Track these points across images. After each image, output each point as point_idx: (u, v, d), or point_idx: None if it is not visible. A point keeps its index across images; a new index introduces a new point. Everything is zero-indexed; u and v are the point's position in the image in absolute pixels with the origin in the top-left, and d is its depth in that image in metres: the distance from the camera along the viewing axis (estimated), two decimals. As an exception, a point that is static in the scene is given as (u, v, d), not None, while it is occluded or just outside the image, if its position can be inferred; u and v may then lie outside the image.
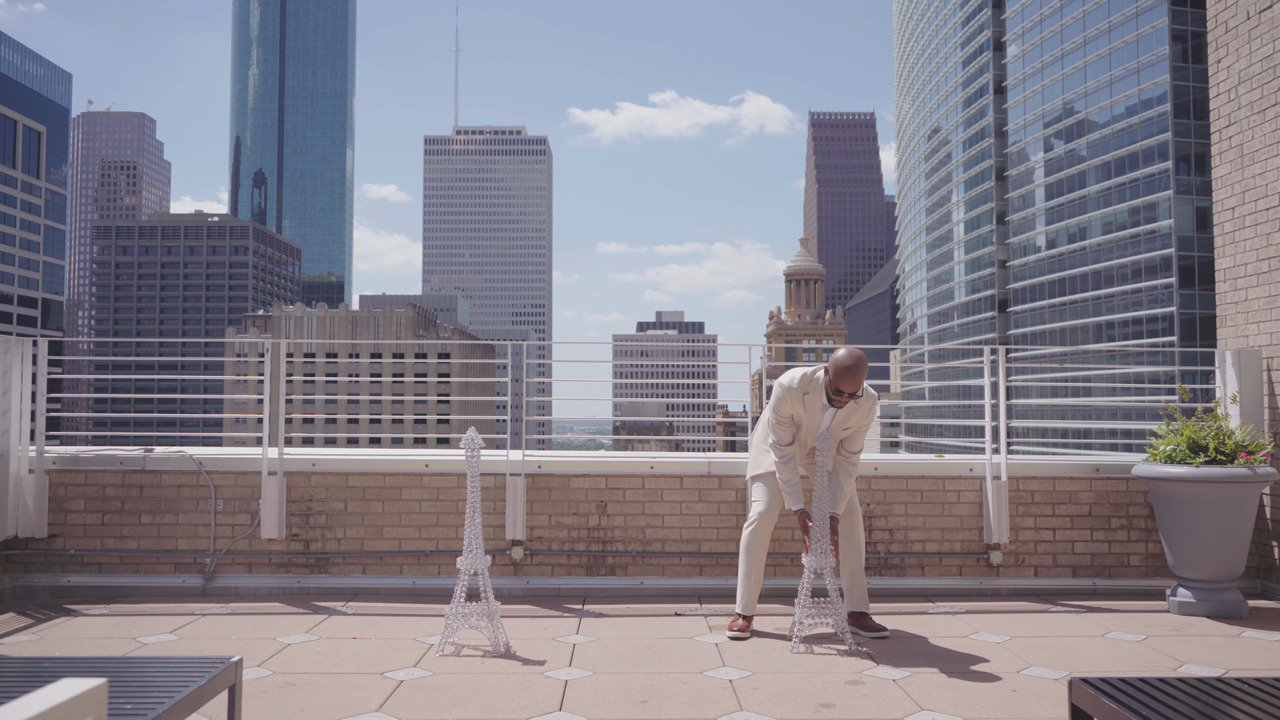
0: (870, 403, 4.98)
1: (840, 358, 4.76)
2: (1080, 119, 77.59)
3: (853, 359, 4.74)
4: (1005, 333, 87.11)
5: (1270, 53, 5.88)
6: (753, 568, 5.02)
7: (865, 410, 4.95)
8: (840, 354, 4.78)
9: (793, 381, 4.94)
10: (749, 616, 4.99)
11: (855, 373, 4.73)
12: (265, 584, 5.82)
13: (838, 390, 4.77)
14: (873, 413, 5.01)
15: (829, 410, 4.93)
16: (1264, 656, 4.58)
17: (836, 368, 4.76)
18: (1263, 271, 5.94)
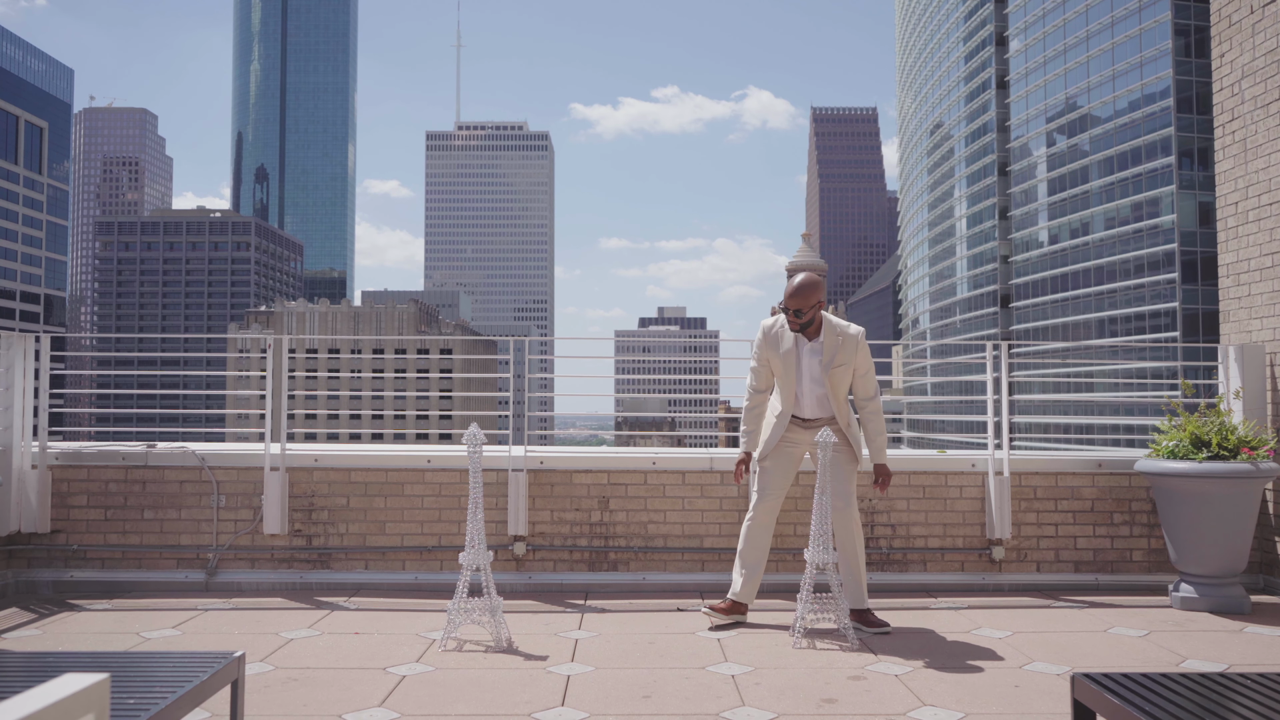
0: (855, 339, 4.99)
1: (791, 280, 4.94)
2: (1083, 114, 77.47)
3: (802, 278, 4.93)
4: (1007, 328, 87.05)
5: (1274, 46, 5.86)
6: (747, 554, 5.06)
7: (853, 347, 4.96)
8: (794, 276, 4.98)
9: (763, 323, 5.10)
10: (738, 604, 5.02)
11: (804, 290, 4.87)
12: (268, 579, 5.83)
13: (785, 309, 4.92)
14: (862, 348, 5.01)
15: (810, 350, 4.98)
16: (1267, 652, 4.58)
17: (787, 289, 4.93)
18: (1266, 266, 5.93)
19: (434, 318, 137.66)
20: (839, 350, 4.94)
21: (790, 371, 4.98)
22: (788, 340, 5.00)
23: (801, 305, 4.89)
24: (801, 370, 4.99)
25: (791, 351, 4.99)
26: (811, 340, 5.00)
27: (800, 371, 4.99)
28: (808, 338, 4.99)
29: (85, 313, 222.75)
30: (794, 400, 5.01)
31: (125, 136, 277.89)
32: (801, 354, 5.00)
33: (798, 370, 4.98)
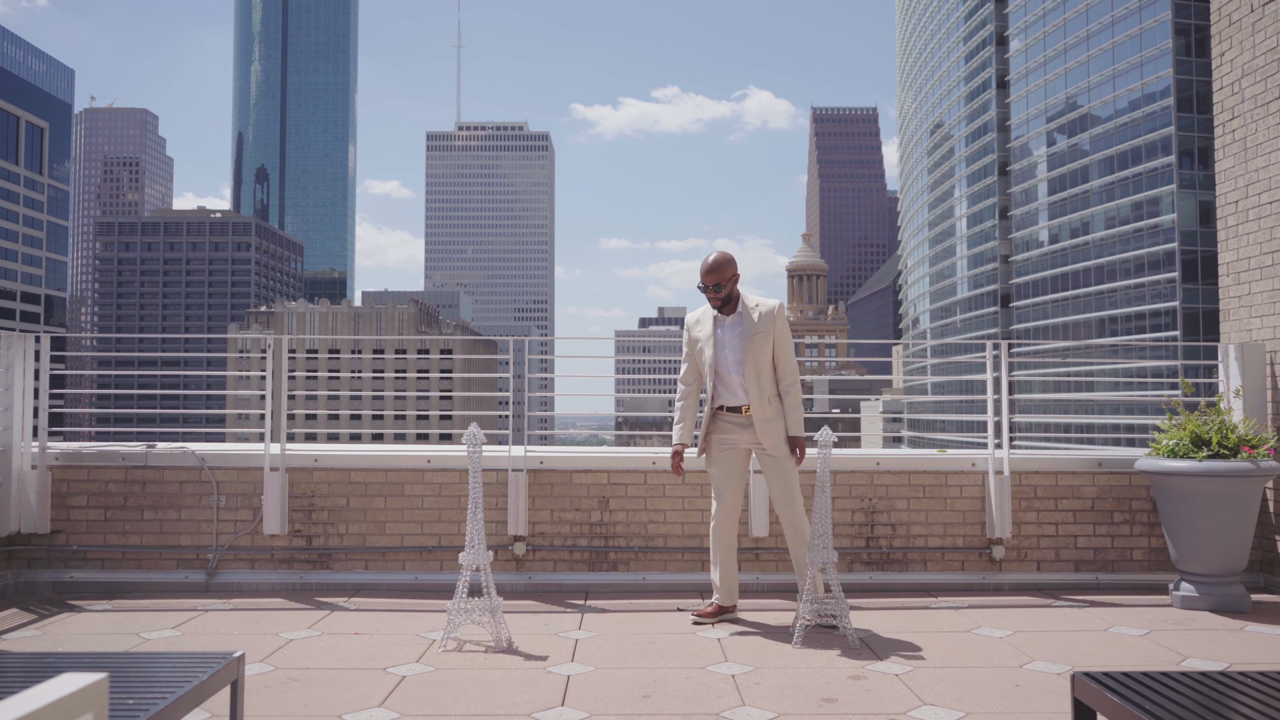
0: (774, 309, 5.02)
1: (705, 258, 5.03)
2: (1083, 113, 77.44)
3: (715, 254, 5.02)
4: (1008, 328, 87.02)
5: (1274, 45, 5.85)
6: (720, 561, 5.08)
7: (771, 317, 4.99)
8: (708, 254, 5.06)
9: (687, 315, 5.24)
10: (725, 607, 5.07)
11: (719, 265, 4.96)
12: (268, 580, 5.83)
13: (704, 286, 4.98)
14: (781, 319, 5.03)
15: (729, 324, 5.02)
16: (1267, 651, 4.58)
17: (702, 266, 5.01)
18: (1266, 265, 5.93)
19: (434, 318, 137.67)
20: (759, 319, 4.98)
21: (710, 354, 5.02)
22: (707, 324, 5.08)
23: (719, 279, 4.95)
24: (724, 348, 5.00)
25: (709, 335, 5.05)
26: (730, 316, 5.05)
27: (722, 351, 5.01)
28: (725, 314, 5.05)
29: (85, 313, 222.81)
30: (719, 386, 5.01)
31: (126, 137, 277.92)
32: (722, 333, 5.04)
33: (719, 350, 5.01)
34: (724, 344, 5.02)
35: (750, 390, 4.93)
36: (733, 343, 4.99)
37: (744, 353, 4.95)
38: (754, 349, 4.94)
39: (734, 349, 4.98)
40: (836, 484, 5.92)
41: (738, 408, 4.99)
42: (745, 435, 5.00)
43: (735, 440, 5.02)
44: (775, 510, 5.12)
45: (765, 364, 4.96)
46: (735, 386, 4.98)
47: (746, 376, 4.94)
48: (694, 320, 5.18)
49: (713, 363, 5.02)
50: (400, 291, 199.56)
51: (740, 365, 4.96)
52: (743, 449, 5.05)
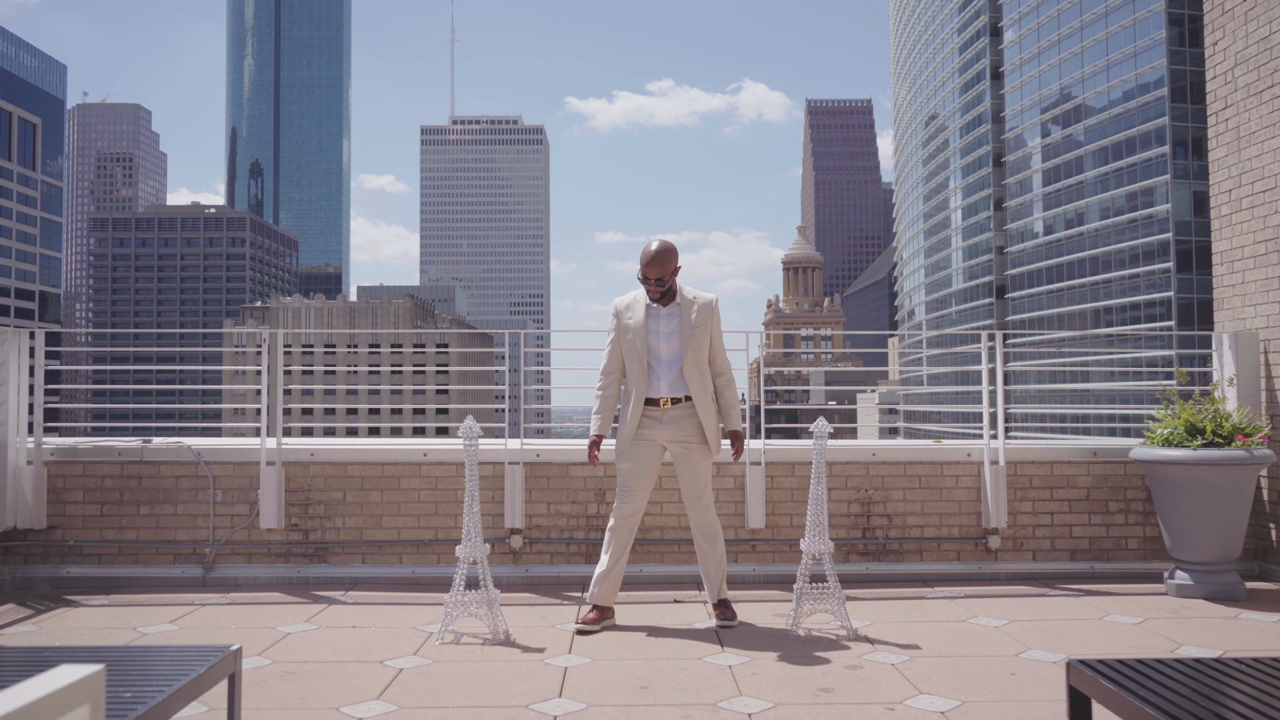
0: (710, 303, 4.86)
1: (646, 247, 4.80)
2: (1077, 104, 77.45)
3: (656, 244, 4.77)
4: (1003, 319, 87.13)
5: (1267, 34, 5.86)
6: (615, 560, 4.84)
7: (709, 311, 4.82)
8: (648, 243, 4.82)
9: (616, 301, 4.97)
10: (607, 609, 4.84)
11: (663, 256, 4.73)
12: (264, 574, 5.83)
13: (646, 278, 4.75)
14: (717, 315, 4.89)
15: (665, 315, 4.81)
16: (1261, 637, 4.60)
17: (643, 256, 4.77)
18: (1259, 254, 5.94)
19: (430, 312, 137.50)
20: (696, 313, 4.80)
21: (642, 344, 4.78)
22: (638, 313, 4.83)
23: (663, 273, 4.73)
24: (658, 340, 4.79)
25: (642, 323, 4.80)
26: (666, 307, 4.84)
27: (656, 342, 4.80)
28: (662, 305, 4.84)
29: (80, 309, 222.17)
30: (646, 377, 4.78)
31: (119, 132, 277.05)
32: (656, 323, 4.82)
33: (650, 341, 4.80)
34: (659, 335, 4.81)
35: (692, 385, 4.75)
36: (669, 335, 4.80)
37: (684, 346, 4.77)
38: (695, 343, 4.77)
39: (670, 341, 4.79)
40: (832, 475, 5.93)
41: (658, 401, 4.80)
42: (663, 431, 4.80)
43: (653, 435, 4.81)
44: (689, 510, 4.87)
45: (704, 358, 4.81)
46: (663, 379, 4.79)
47: (687, 371, 4.75)
48: (624, 306, 4.90)
49: (644, 354, 4.79)
50: (395, 286, 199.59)
51: (677, 358, 4.78)
52: (656, 444, 4.83)
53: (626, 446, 4.84)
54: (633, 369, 4.81)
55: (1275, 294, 5.81)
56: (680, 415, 4.79)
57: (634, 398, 4.80)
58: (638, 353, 4.79)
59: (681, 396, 4.80)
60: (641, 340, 4.79)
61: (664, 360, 4.80)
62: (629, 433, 4.82)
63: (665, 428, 4.80)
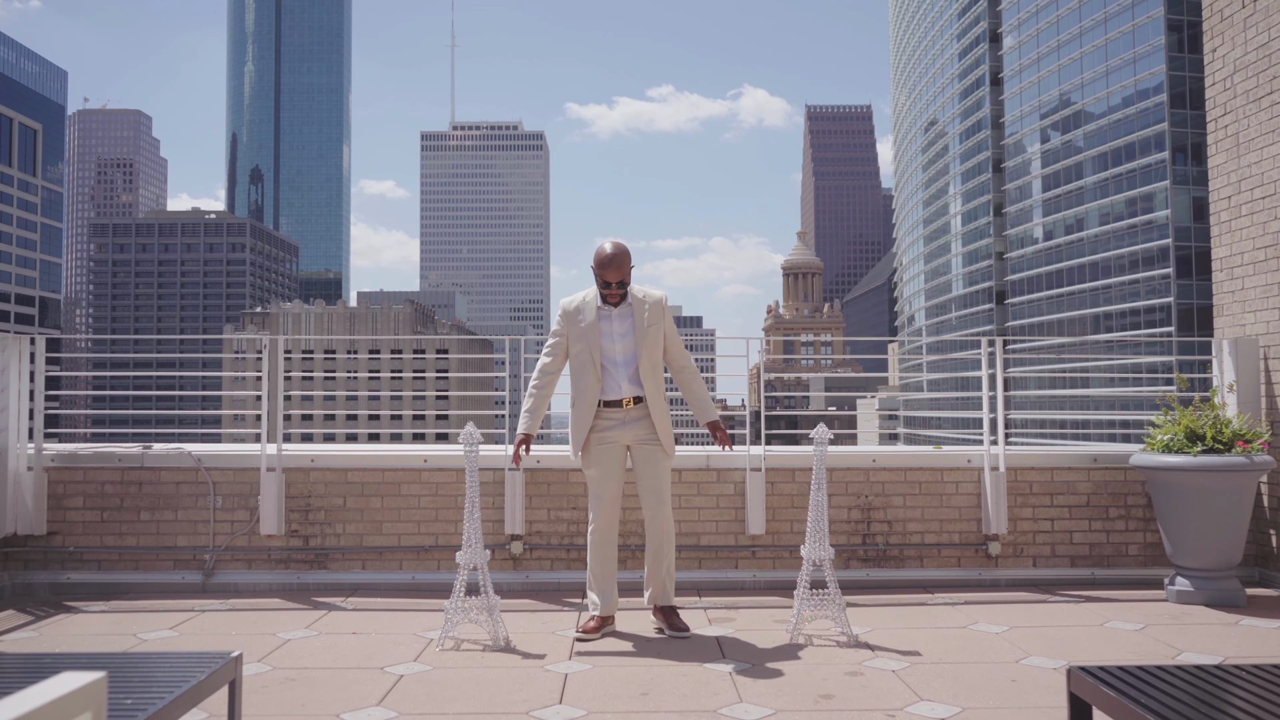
0: (660, 300, 4.84)
1: (600, 248, 4.75)
2: (1077, 110, 77.52)
3: (612, 246, 4.72)
4: (1003, 325, 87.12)
5: (1266, 41, 5.87)
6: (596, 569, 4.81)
7: (660, 309, 4.81)
8: (601, 245, 4.77)
9: (563, 301, 4.92)
10: (607, 618, 4.82)
11: (619, 259, 4.69)
12: (265, 580, 5.83)
13: (605, 283, 4.70)
14: (668, 311, 4.87)
15: (618, 315, 4.76)
16: (1262, 644, 4.59)
17: (599, 259, 4.71)
18: (1259, 260, 5.95)
19: (430, 318, 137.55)
20: (647, 311, 4.77)
21: (594, 346, 4.73)
22: (589, 313, 4.78)
23: (622, 275, 4.70)
24: (612, 341, 4.74)
25: (594, 325, 4.75)
26: (618, 307, 4.80)
27: (610, 342, 4.75)
28: (613, 306, 4.79)
29: (80, 315, 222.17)
30: (600, 379, 4.73)
31: (119, 138, 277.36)
32: (609, 324, 4.77)
33: (603, 343, 4.75)
34: (611, 335, 4.76)
35: (647, 384, 4.72)
36: (622, 334, 4.75)
37: (638, 346, 4.72)
38: (649, 341, 4.74)
39: (624, 341, 4.75)
40: (833, 481, 5.93)
41: (618, 402, 4.75)
42: (624, 432, 4.76)
43: (615, 437, 4.76)
44: (646, 509, 4.80)
45: (659, 357, 4.80)
46: (620, 380, 4.74)
47: (642, 370, 4.71)
48: (574, 308, 4.84)
49: (597, 355, 4.74)
50: (396, 292, 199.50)
51: (632, 358, 4.74)
52: (621, 446, 4.78)
53: (590, 452, 4.77)
54: (583, 371, 4.75)
55: (1275, 300, 5.82)
56: (642, 414, 4.77)
57: (584, 401, 4.75)
58: (590, 355, 4.74)
59: (642, 396, 4.77)
60: (594, 342, 4.74)
61: (619, 362, 4.76)
62: (584, 438, 4.76)
63: (628, 428, 4.77)
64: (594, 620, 4.79)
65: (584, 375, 4.75)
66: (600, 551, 4.82)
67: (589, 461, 4.79)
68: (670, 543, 4.84)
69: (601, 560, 4.82)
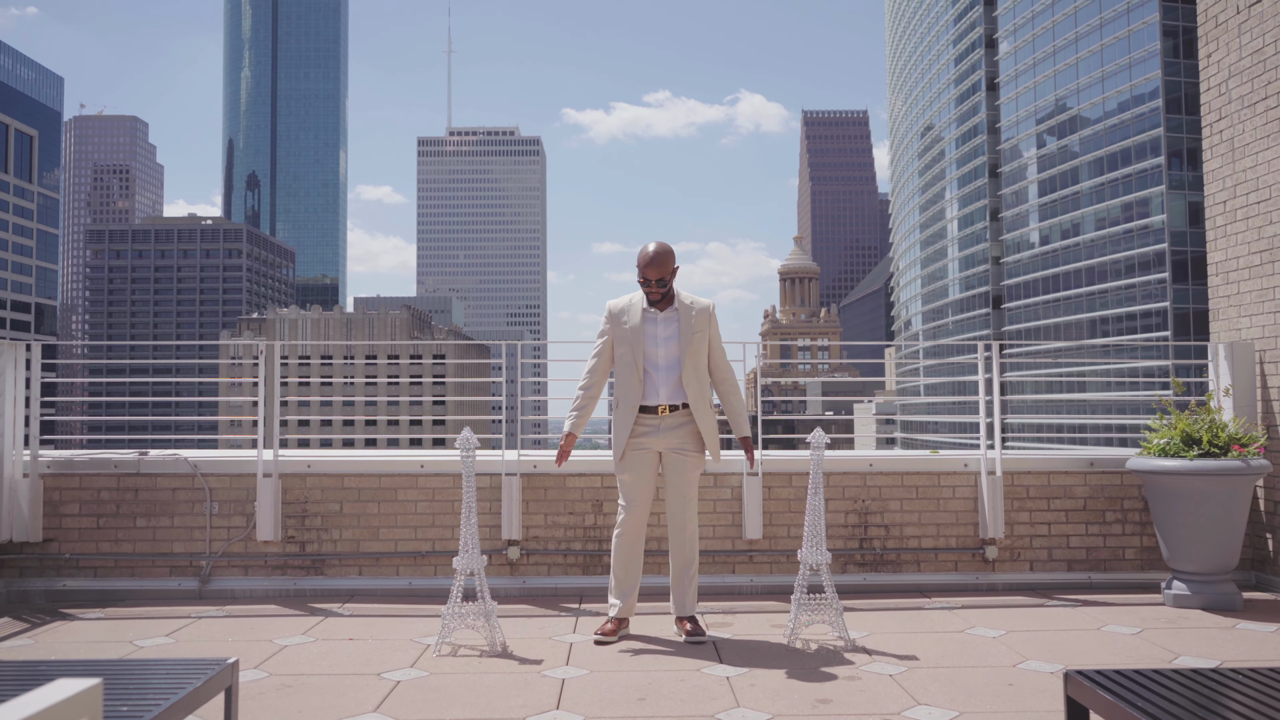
0: (708, 308, 4.81)
1: (643, 249, 4.75)
2: (1072, 115, 77.70)
3: (655, 245, 4.72)
4: (999, 329, 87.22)
5: (1260, 46, 5.89)
6: (619, 572, 4.82)
7: (706, 317, 4.78)
8: (645, 246, 4.78)
9: (610, 304, 4.88)
10: (624, 620, 4.84)
11: (661, 257, 4.67)
12: (261, 586, 5.82)
13: (645, 280, 4.69)
14: (714, 320, 4.84)
15: (663, 320, 4.74)
16: (1258, 648, 4.60)
17: (641, 258, 4.72)
18: (1254, 264, 5.96)
19: (426, 324, 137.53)
20: (694, 318, 4.74)
21: (638, 349, 4.70)
22: (634, 316, 4.75)
23: (663, 274, 4.67)
24: (656, 345, 4.72)
25: (638, 328, 4.72)
26: (664, 311, 4.77)
27: (654, 347, 4.72)
28: (659, 310, 4.77)
29: (77, 321, 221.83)
30: (641, 383, 4.70)
31: (116, 144, 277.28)
32: (653, 328, 4.74)
33: (647, 346, 4.71)
34: (656, 340, 4.74)
35: (690, 391, 4.69)
36: (667, 340, 4.72)
37: (682, 352, 4.70)
38: (694, 349, 4.72)
39: (668, 347, 4.72)
40: (830, 485, 5.93)
41: (654, 408, 4.73)
42: (659, 439, 4.74)
43: (649, 444, 4.74)
44: (671, 517, 4.81)
45: (704, 365, 4.78)
46: (660, 385, 4.72)
47: (685, 377, 4.69)
48: (619, 310, 4.81)
49: (640, 359, 4.71)
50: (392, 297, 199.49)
51: (675, 364, 4.71)
52: (654, 452, 4.77)
53: (625, 457, 4.77)
54: (626, 375, 4.73)
55: (1270, 304, 5.83)
56: (678, 423, 4.75)
57: (625, 405, 4.73)
58: (634, 358, 4.71)
59: (680, 404, 4.74)
60: (638, 345, 4.71)
61: (661, 367, 4.72)
62: (623, 443, 4.75)
63: (662, 435, 4.75)
64: (611, 623, 4.81)
65: (627, 378, 4.73)
66: (625, 555, 4.83)
67: (623, 466, 4.78)
68: (695, 550, 4.85)
69: (625, 564, 4.83)
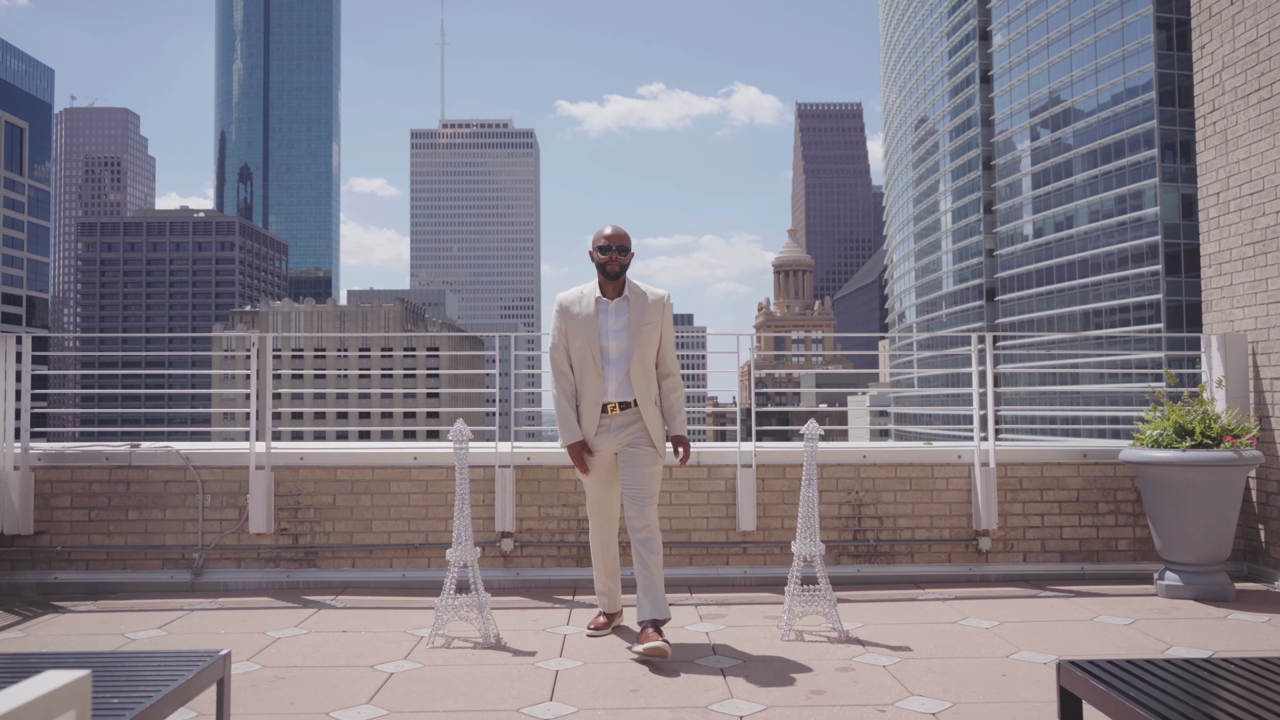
0: (662, 299, 4.54)
1: (601, 229, 4.58)
2: (1066, 107, 77.78)
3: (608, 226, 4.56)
4: (993, 321, 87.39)
5: (1254, 38, 5.89)
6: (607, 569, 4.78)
7: (659, 308, 4.51)
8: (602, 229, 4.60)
9: (560, 296, 4.63)
10: (613, 614, 4.83)
11: (620, 230, 4.51)
12: (254, 579, 5.80)
13: (605, 249, 4.47)
14: (668, 311, 4.58)
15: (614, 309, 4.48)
16: (1250, 638, 4.61)
17: (600, 234, 4.54)
18: (1247, 256, 5.97)
19: (420, 316, 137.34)
20: (646, 308, 4.49)
21: (592, 341, 4.45)
22: (587, 306, 4.49)
23: (626, 243, 4.50)
24: (608, 337, 4.46)
25: (591, 318, 4.46)
26: (614, 299, 4.52)
27: (606, 340, 4.47)
28: (609, 297, 4.51)
29: (68, 314, 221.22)
30: (601, 378, 4.46)
31: (107, 136, 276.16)
32: (604, 318, 4.49)
33: (604, 339, 4.47)
34: (608, 332, 4.48)
35: (637, 386, 4.43)
36: (617, 331, 4.46)
37: (631, 344, 4.43)
38: (643, 340, 4.44)
39: (619, 339, 4.46)
40: (823, 477, 5.94)
41: (604, 407, 4.49)
42: (613, 438, 4.51)
43: (605, 444, 4.51)
44: (627, 513, 4.48)
45: (652, 358, 4.51)
46: (610, 381, 4.47)
47: (634, 372, 4.43)
48: (571, 300, 4.54)
49: (596, 353, 4.45)
50: (386, 290, 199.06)
51: (625, 358, 4.45)
52: (608, 454, 4.55)
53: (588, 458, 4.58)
54: (584, 370, 4.49)
55: (1263, 296, 5.84)
56: (627, 421, 4.50)
57: (587, 403, 4.50)
58: (590, 352, 4.46)
59: (629, 401, 4.49)
60: (593, 338, 4.46)
61: (612, 360, 4.48)
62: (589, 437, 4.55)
63: (612, 435, 4.51)
64: (603, 618, 4.83)
65: (585, 373, 4.49)
66: (601, 556, 4.78)
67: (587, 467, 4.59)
68: (658, 548, 4.48)
69: (603, 563, 4.81)
